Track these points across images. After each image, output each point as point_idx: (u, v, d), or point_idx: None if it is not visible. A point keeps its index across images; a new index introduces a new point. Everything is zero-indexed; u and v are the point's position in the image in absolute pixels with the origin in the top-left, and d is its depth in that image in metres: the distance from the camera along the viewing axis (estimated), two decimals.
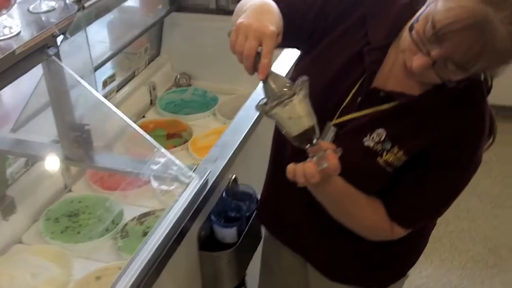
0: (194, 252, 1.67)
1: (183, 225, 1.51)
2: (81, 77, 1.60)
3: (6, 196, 1.94)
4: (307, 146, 1.21)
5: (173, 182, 1.57)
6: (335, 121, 1.37)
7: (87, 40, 1.65)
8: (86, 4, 1.59)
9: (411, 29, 1.20)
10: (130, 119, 2.49)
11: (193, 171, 1.62)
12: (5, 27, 1.52)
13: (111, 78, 2.44)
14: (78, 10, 1.58)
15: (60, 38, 1.59)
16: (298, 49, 1.51)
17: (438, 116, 1.31)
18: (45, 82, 1.62)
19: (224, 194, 1.72)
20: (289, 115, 1.17)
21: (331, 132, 1.35)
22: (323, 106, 1.35)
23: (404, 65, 1.24)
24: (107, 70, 2.45)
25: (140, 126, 2.51)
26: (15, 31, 1.52)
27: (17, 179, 1.98)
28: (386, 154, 1.33)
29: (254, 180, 1.81)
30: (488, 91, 1.34)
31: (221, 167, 1.69)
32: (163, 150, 1.59)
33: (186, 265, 1.67)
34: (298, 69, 1.48)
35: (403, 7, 1.31)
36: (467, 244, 3.19)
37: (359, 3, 1.38)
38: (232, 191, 1.76)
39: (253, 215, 1.76)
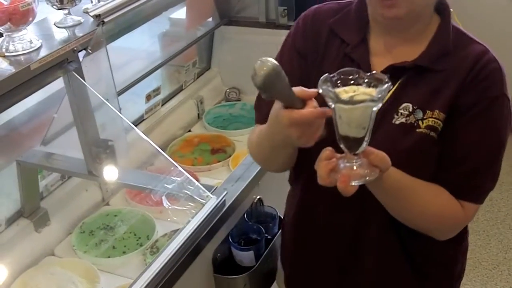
0: (209, 274, 1.62)
1: (194, 244, 1.47)
2: (103, 93, 1.59)
3: (40, 208, 1.95)
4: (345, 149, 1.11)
5: (189, 202, 1.53)
6: None
7: (108, 56, 1.62)
8: (107, 19, 1.55)
9: None
10: (176, 133, 2.56)
11: (213, 191, 1.58)
12: (25, 41, 1.52)
13: (156, 91, 2.42)
14: (98, 25, 1.56)
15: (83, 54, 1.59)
16: None
17: (448, 62, 1.29)
18: (67, 97, 1.61)
19: (245, 216, 1.66)
20: (345, 115, 1.05)
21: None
22: None
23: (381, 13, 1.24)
24: (152, 83, 2.44)
25: (185, 140, 2.53)
26: (35, 45, 1.53)
27: (52, 191, 1.99)
28: (423, 121, 1.28)
29: (282, 202, 1.73)
30: None
31: (242, 188, 1.63)
32: (180, 168, 1.55)
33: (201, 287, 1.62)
34: None
35: (357, 4, 1.37)
36: None
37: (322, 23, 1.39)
38: (255, 212, 1.69)
39: (275, 238, 1.69)
